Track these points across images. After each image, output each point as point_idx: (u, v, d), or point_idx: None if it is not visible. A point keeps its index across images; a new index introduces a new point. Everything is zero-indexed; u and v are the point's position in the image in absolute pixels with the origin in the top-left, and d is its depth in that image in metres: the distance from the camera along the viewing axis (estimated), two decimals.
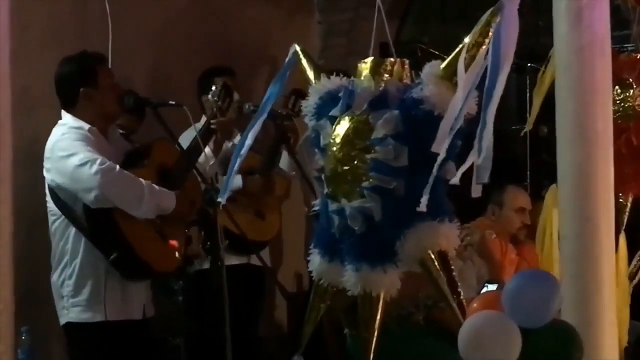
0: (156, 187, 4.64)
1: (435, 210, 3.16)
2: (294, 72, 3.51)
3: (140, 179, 4.60)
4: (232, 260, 4.59)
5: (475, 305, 3.77)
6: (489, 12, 3.10)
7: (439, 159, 3.00)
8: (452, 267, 3.24)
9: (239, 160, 3.50)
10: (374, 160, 3.21)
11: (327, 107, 3.37)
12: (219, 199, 3.62)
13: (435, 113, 3.14)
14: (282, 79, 3.51)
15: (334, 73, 3.44)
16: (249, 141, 3.50)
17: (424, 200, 3.00)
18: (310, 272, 3.41)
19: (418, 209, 3.03)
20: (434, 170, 2.99)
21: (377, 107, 3.25)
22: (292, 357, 3.32)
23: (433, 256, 3.20)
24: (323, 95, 3.39)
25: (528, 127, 5.71)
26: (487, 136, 3.00)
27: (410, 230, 3.19)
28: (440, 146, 3.02)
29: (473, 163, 2.97)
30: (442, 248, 3.21)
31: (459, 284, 3.23)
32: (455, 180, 2.99)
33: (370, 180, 3.21)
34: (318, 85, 3.41)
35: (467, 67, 3.08)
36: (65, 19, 5.84)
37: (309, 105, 3.41)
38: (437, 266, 3.21)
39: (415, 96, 3.19)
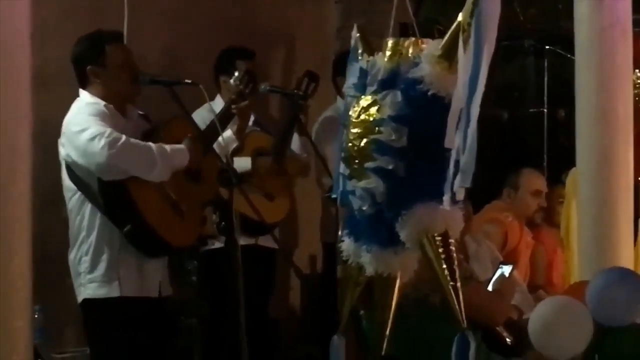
0: (165, 146, 4.63)
1: (438, 192, 3.07)
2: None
3: (149, 143, 4.59)
4: (239, 241, 4.56)
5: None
6: None
7: (454, 151, 2.94)
8: (453, 251, 3.14)
9: None
10: (376, 141, 3.14)
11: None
12: (331, 194, 3.46)
13: (429, 93, 3.07)
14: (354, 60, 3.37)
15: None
16: None
17: (447, 196, 2.96)
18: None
19: (446, 197, 2.98)
20: (451, 164, 2.91)
21: (386, 87, 3.19)
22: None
23: (430, 239, 3.12)
24: (360, 75, 3.30)
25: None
26: (471, 135, 2.92)
27: (407, 212, 3.12)
28: (451, 140, 2.96)
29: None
30: (441, 231, 3.13)
31: (457, 270, 3.14)
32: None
33: (374, 160, 3.15)
34: (360, 63, 3.31)
35: (465, 48, 2.98)
36: None
37: (348, 84, 3.36)
38: (435, 250, 3.12)
39: (412, 76, 3.12)
